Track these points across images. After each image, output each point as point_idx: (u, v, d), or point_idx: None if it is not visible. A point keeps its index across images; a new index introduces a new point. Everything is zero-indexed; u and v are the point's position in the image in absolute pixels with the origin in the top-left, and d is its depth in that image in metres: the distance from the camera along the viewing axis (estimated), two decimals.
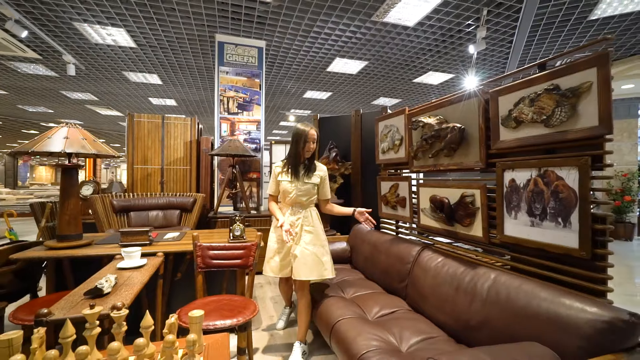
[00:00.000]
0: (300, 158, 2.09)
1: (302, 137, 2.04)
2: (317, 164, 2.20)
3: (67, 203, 2.13)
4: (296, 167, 2.09)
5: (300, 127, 2.06)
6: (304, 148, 2.06)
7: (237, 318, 1.63)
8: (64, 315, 1.23)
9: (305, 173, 2.10)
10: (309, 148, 2.07)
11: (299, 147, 2.05)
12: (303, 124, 2.10)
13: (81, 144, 2.05)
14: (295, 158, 2.08)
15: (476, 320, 1.52)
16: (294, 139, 2.07)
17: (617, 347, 1.07)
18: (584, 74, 1.35)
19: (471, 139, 1.94)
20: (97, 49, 4.75)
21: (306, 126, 2.07)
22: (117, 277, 1.56)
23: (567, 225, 1.40)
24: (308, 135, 2.04)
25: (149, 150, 3.91)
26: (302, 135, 2.04)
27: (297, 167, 2.09)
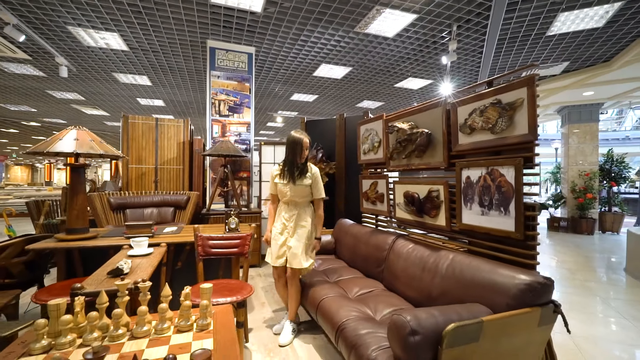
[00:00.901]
0: (296, 163, 2.32)
1: (299, 144, 2.28)
2: (310, 166, 2.40)
3: (76, 199, 2.33)
4: (292, 171, 2.31)
5: (297, 136, 2.29)
6: (300, 154, 2.29)
7: (236, 296, 1.89)
8: (94, 289, 1.47)
9: (299, 176, 2.31)
10: (304, 154, 2.32)
11: (296, 153, 2.28)
12: (297, 132, 2.34)
13: (90, 145, 2.25)
14: (291, 163, 2.31)
15: (437, 292, 1.85)
16: (291, 146, 2.29)
17: (534, 303, 1.41)
18: (518, 92, 1.69)
19: (437, 143, 2.27)
20: (88, 51, 4.86)
21: (301, 134, 2.31)
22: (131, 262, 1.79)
23: (507, 213, 1.75)
24: (303, 143, 2.30)
25: (144, 150, 4.09)
26: (298, 143, 2.28)
27: (293, 170, 2.31)
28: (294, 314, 2.37)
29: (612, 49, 4.63)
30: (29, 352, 1.14)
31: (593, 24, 3.88)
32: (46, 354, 1.13)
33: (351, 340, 1.59)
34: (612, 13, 3.62)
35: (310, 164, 2.44)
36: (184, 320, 1.34)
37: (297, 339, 2.30)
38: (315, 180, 2.38)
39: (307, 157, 2.38)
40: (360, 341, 1.55)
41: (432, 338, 1.24)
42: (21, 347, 1.18)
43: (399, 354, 1.28)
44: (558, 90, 6.28)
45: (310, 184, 2.35)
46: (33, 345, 1.14)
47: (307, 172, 2.36)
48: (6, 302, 1.97)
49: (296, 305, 2.36)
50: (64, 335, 1.18)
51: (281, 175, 2.35)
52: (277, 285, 2.43)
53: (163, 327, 1.29)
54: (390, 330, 1.33)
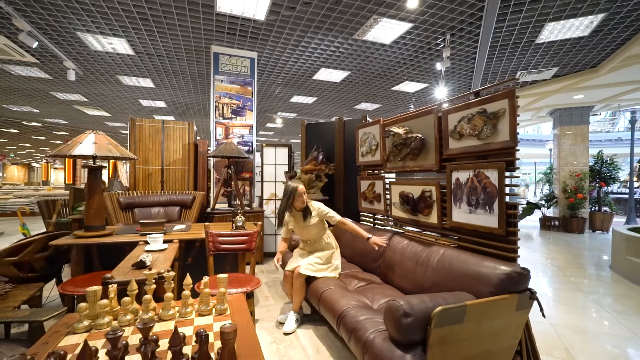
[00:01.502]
0: (290, 208, 2.58)
1: (291, 192, 2.53)
2: (311, 205, 2.64)
3: (93, 199, 2.49)
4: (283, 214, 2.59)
5: (291, 186, 2.55)
6: (293, 201, 2.54)
7: (246, 287, 2.07)
8: (122, 278, 1.64)
9: (305, 219, 2.59)
10: (299, 201, 2.54)
11: (289, 200, 2.54)
12: (293, 181, 2.62)
13: (107, 148, 2.42)
14: (285, 208, 2.58)
15: (428, 283, 2.04)
16: (284, 194, 2.57)
17: (513, 290, 1.60)
18: (501, 102, 1.88)
19: (429, 147, 2.46)
20: (95, 55, 5.00)
21: (295, 182, 2.58)
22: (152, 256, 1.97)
23: (491, 211, 1.94)
24: (296, 190, 2.53)
25: (150, 152, 4.25)
26: (291, 191, 2.53)
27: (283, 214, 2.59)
28: (298, 306, 2.55)
29: (598, 56, 4.85)
30: (72, 331, 1.31)
31: (579, 33, 4.09)
32: (88, 333, 1.31)
33: (351, 325, 1.78)
34: (596, 23, 3.83)
35: (311, 202, 2.66)
36: (204, 305, 1.52)
37: (300, 329, 2.48)
38: (322, 214, 2.64)
39: (306, 201, 2.61)
40: (359, 326, 1.73)
41: (422, 320, 1.42)
42: (65, 327, 1.35)
43: (393, 334, 1.47)
44: (549, 93, 6.51)
45: (317, 222, 2.62)
46: (76, 325, 1.32)
47: (311, 213, 2.60)
48: (32, 294, 2.13)
49: (300, 298, 2.54)
50: (101, 317, 1.36)
51: (288, 221, 2.65)
52: (285, 281, 2.63)
53: (186, 311, 1.47)
54: (386, 314, 1.51)
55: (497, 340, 1.59)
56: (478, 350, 1.54)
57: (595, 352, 2.24)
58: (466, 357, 1.52)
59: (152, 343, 0.98)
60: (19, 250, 2.32)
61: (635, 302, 3.23)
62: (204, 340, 1.01)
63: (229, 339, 1.03)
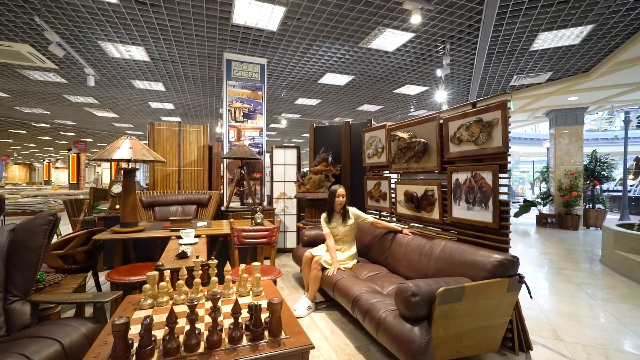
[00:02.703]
0: (334, 209, 3.00)
1: (332, 194, 3.01)
2: (349, 209, 3.05)
3: (128, 198, 2.76)
4: (331, 216, 3.01)
5: (333, 188, 3.03)
6: (334, 202, 2.98)
7: (270, 276, 2.34)
8: (171, 266, 1.91)
9: (343, 220, 3.00)
10: (338, 202, 2.98)
11: (332, 202, 2.99)
12: (336, 185, 3.07)
13: (142, 152, 2.69)
14: (330, 209, 3.02)
15: (431, 271, 2.32)
16: (329, 196, 3.03)
17: (504, 275, 1.88)
18: (495, 113, 2.16)
19: (431, 150, 2.74)
20: (112, 61, 5.26)
21: (337, 187, 3.03)
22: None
23: (487, 208, 2.21)
24: (337, 192, 2.99)
25: (168, 153, 4.51)
26: (332, 193, 3.01)
27: (332, 215, 3.01)
28: (313, 295, 2.83)
29: (589, 62, 5.12)
30: (139, 307, 1.58)
31: (570, 41, 4.36)
32: (152, 309, 1.58)
33: (365, 307, 2.05)
34: (586, 33, 4.10)
35: (349, 207, 3.08)
36: (243, 288, 1.79)
37: (315, 314, 2.76)
38: (357, 216, 3.05)
39: (346, 204, 3.05)
40: (372, 307, 2.01)
41: (428, 298, 1.70)
42: (131, 305, 1.62)
43: (403, 311, 1.75)
44: (544, 96, 6.79)
45: (352, 223, 3.01)
46: (142, 302, 1.59)
47: (349, 215, 3.02)
48: (80, 283, 2.41)
49: (315, 287, 2.82)
50: (161, 296, 1.63)
51: (328, 221, 3.03)
52: (304, 268, 2.92)
53: (228, 292, 1.75)
54: (397, 295, 1.79)
55: (490, 317, 1.87)
56: (474, 325, 1.82)
57: (580, 333, 2.52)
58: (465, 330, 1.80)
59: (220, 310, 1.25)
60: (64, 245, 2.59)
61: (620, 292, 3.51)
62: (257, 308, 1.29)
63: (276, 308, 1.30)
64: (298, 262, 3.55)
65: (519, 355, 2.12)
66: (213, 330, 1.22)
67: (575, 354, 2.22)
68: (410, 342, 1.62)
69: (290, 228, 5.11)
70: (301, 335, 1.31)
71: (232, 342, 1.23)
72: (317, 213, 4.28)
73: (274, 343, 1.25)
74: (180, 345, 1.19)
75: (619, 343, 2.37)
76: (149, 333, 1.14)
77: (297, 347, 1.23)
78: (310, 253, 2.93)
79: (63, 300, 1.75)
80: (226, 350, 1.20)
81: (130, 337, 1.20)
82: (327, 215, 3.05)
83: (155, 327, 1.36)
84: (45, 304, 1.89)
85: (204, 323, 1.41)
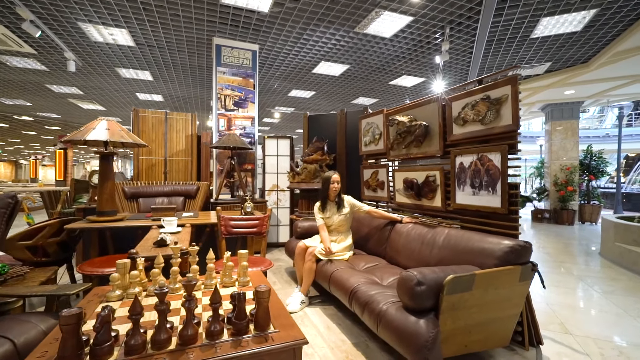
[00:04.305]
0: (329, 197, 2.81)
1: (326, 180, 2.80)
2: (344, 197, 2.88)
3: (105, 185, 2.53)
4: (325, 204, 2.82)
5: (326, 175, 2.84)
6: (328, 189, 2.78)
7: (260, 267, 2.15)
8: (145, 254, 1.70)
9: (337, 209, 2.81)
10: (333, 188, 2.79)
11: (327, 189, 2.79)
12: (330, 172, 2.89)
13: (120, 134, 2.46)
14: (325, 197, 2.83)
15: (434, 261, 2.15)
16: (323, 183, 2.83)
17: (516, 262, 1.71)
18: (504, 89, 1.99)
19: (433, 134, 2.57)
20: (95, 46, 4.98)
21: (331, 173, 2.84)
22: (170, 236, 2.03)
23: (494, 192, 2.05)
24: (331, 178, 2.80)
25: (153, 142, 4.27)
26: (326, 179, 2.80)
27: (326, 204, 2.82)
28: (307, 288, 2.64)
29: (589, 51, 5.02)
30: (106, 299, 1.38)
31: (572, 28, 4.24)
32: (120, 301, 1.37)
33: (364, 299, 1.87)
34: (588, 18, 3.98)
35: (344, 195, 2.90)
36: (227, 278, 1.59)
37: (309, 309, 2.57)
38: (352, 204, 2.87)
39: (340, 191, 2.86)
40: (371, 299, 1.83)
41: (434, 288, 1.53)
42: (97, 297, 1.41)
43: (407, 302, 1.57)
44: (541, 89, 6.69)
45: (348, 212, 2.83)
46: (110, 294, 1.38)
47: (343, 204, 2.83)
48: (49, 276, 2.18)
49: (309, 280, 2.63)
50: (132, 287, 1.42)
51: (321, 210, 2.83)
52: (297, 260, 2.73)
53: (211, 282, 1.55)
54: (400, 284, 1.61)
55: (501, 308, 1.71)
56: (484, 317, 1.66)
57: (589, 327, 2.38)
58: (474, 322, 1.63)
59: (196, 300, 1.06)
60: (33, 234, 2.36)
61: (623, 284, 3.40)
62: (241, 298, 1.10)
63: (263, 297, 1.11)
64: (291, 255, 3.36)
65: (529, 350, 1.97)
66: (187, 324, 1.02)
67: (586, 348, 2.08)
68: (416, 336, 1.44)
69: (283, 222, 4.91)
70: (292, 329, 1.12)
71: (210, 337, 1.04)
72: (311, 205, 4.09)
73: (261, 338, 1.06)
74: (147, 342, 0.99)
75: (630, 336, 2.24)
76: (107, 327, 0.94)
77: (287, 342, 1.04)
78: (303, 244, 2.75)
79: (20, 294, 1.53)
80: (202, 346, 1.00)
81: (86, 333, 1.00)
82: (320, 204, 2.86)
83: (121, 321, 1.16)
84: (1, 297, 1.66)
85: (179, 316, 1.21)
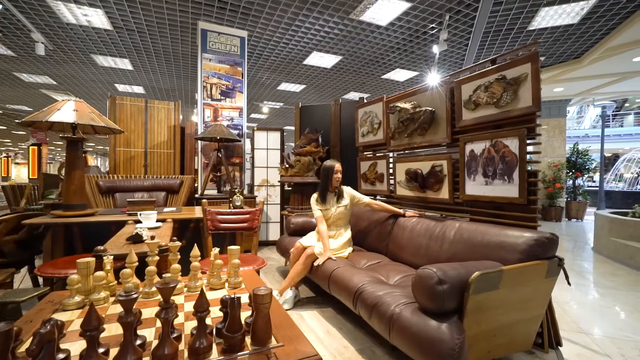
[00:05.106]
0: (330, 187, 2.59)
1: (329, 170, 2.56)
2: (344, 188, 2.66)
3: (73, 174, 2.22)
4: (325, 196, 2.59)
5: (328, 164, 2.60)
6: (331, 179, 2.56)
7: (253, 266, 1.90)
8: (117, 252, 1.43)
9: (337, 200, 2.58)
10: (336, 178, 2.57)
11: (328, 179, 2.56)
12: (330, 160, 2.64)
13: (90, 116, 2.15)
14: (325, 188, 2.59)
15: (446, 257, 1.96)
16: (324, 173, 2.59)
17: (542, 256, 1.54)
18: (522, 67, 1.82)
19: (439, 120, 2.38)
20: (67, 29, 4.57)
21: (333, 162, 2.61)
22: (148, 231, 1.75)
23: (511, 181, 1.88)
24: (334, 168, 2.56)
25: (132, 133, 3.93)
26: (329, 169, 2.57)
27: (326, 195, 2.59)
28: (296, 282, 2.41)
29: (583, 46, 5.00)
30: (62, 308, 1.10)
31: (569, 20, 4.17)
32: (80, 310, 1.10)
33: (371, 301, 1.66)
34: (587, 10, 3.91)
35: (343, 186, 2.68)
36: (215, 279, 1.34)
37: (305, 312, 2.34)
38: (352, 196, 2.65)
39: (340, 181, 2.63)
40: (381, 300, 1.61)
41: (458, 287, 1.33)
42: (51, 305, 1.14)
43: (426, 303, 1.36)
44: None
45: (348, 204, 2.61)
46: (66, 301, 1.11)
47: (343, 195, 2.62)
48: (2, 280, 1.86)
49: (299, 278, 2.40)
50: (97, 291, 1.16)
51: (320, 202, 2.60)
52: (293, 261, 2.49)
53: (196, 285, 1.29)
54: (417, 284, 1.40)
55: (526, 308, 1.53)
56: (509, 318, 1.47)
57: (603, 325, 2.26)
58: (498, 325, 1.44)
59: (175, 308, 0.81)
60: None
61: (623, 279, 3.33)
62: (235, 304, 0.85)
63: (263, 303, 0.87)
64: (283, 254, 3.12)
65: (549, 352, 1.81)
66: (163, 339, 0.77)
67: (606, 348, 1.94)
68: (439, 343, 1.23)
69: (273, 219, 4.65)
70: (300, 342, 0.89)
71: (194, 355, 0.79)
72: (304, 200, 3.85)
73: (261, 355, 0.82)
74: None
75: None
76: (48, 349, 0.68)
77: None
78: (300, 244, 2.50)
79: None
80: None
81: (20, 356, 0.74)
82: (319, 195, 2.63)
83: (78, 337, 0.89)
84: None
85: (154, 328, 0.95)
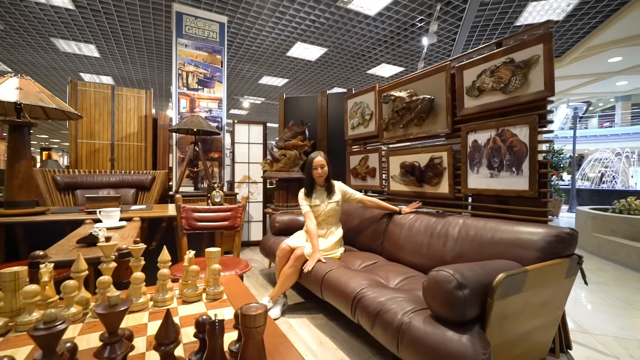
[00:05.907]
0: (314, 181, 2.39)
1: (309, 163, 2.37)
2: (335, 183, 2.45)
3: (18, 165, 1.87)
4: (312, 190, 2.38)
5: (310, 156, 2.39)
6: (312, 173, 2.35)
7: (235, 270, 1.64)
8: (62, 257, 1.13)
9: (328, 195, 2.37)
10: (317, 174, 2.34)
11: (309, 172, 2.37)
12: (314, 152, 2.42)
13: (38, 97, 1.81)
14: (309, 182, 2.39)
15: (451, 256, 1.78)
16: (307, 166, 2.40)
17: (562, 254, 1.39)
18: (533, 49, 1.67)
19: (439, 109, 2.22)
20: (20, 6, 4.07)
21: (315, 154, 2.39)
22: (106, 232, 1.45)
23: (520, 172, 1.73)
24: (313, 162, 2.35)
25: (97, 123, 3.52)
26: (309, 162, 2.37)
27: (313, 189, 2.39)
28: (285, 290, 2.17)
29: (564, 45, 5.07)
30: None
31: (555, 16, 4.18)
32: (2, 338, 0.82)
33: (374, 307, 1.45)
34: (572, 6, 3.92)
35: (334, 181, 2.46)
36: (190, 289, 1.08)
37: (295, 320, 2.10)
38: (344, 191, 2.45)
39: (329, 175, 2.42)
40: (384, 307, 1.41)
41: (479, 291, 1.14)
42: None
43: (442, 311, 1.17)
44: None
45: (339, 199, 2.41)
46: None
47: (334, 189, 2.41)
48: None
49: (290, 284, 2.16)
50: (28, 312, 0.87)
51: (308, 198, 2.38)
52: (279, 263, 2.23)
53: (165, 297, 1.03)
54: (430, 288, 1.21)
55: (545, 312, 1.38)
56: (529, 325, 1.31)
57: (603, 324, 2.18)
58: (519, 332, 1.28)
59: (125, 341, 0.56)
60: None
61: (611, 275, 3.34)
62: (215, 328, 0.61)
63: (256, 326, 0.63)
64: (267, 255, 2.85)
65: (560, 356, 1.68)
66: None
67: (612, 349, 1.84)
68: (461, 358, 1.04)
69: (256, 217, 4.37)
70: None
71: None
72: (290, 197, 3.61)
73: None
74: None
75: None
76: None
77: None
78: (287, 245, 2.24)
79: None
80: None
81: None
82: (305, 190, 2.39)
83: None
84: None
85: None
